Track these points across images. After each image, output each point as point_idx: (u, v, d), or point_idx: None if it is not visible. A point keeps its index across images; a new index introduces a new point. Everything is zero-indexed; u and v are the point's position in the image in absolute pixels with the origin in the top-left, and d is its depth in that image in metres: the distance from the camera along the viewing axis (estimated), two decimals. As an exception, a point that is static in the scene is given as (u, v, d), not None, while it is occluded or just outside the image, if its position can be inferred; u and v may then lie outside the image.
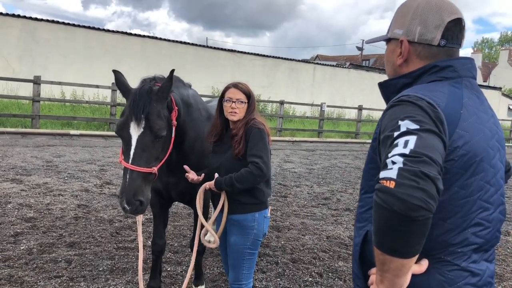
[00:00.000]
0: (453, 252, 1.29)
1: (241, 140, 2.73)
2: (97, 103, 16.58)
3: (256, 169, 2.62)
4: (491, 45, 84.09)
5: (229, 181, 2.66)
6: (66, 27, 19.26)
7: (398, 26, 1.49)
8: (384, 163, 1.14)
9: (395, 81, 1.47)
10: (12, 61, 17.79)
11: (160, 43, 21.71)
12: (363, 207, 1.47)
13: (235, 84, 2.85)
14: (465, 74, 1.40)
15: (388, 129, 1.23)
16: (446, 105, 1.27)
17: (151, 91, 2.70)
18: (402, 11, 1.50)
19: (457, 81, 1.38)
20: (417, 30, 1.43)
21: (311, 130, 20.53)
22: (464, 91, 1.36)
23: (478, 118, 1.33)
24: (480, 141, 1.30)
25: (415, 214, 1.04)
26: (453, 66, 1.39)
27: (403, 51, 1.46)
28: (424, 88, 1.34)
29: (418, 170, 1.07)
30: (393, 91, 1.46)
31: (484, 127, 1.33)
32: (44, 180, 7.39)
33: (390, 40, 1.53)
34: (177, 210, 6.26)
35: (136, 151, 2.61)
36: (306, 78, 26.53)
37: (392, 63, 1.52)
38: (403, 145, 1.13)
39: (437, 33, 1.40)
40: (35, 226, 5.15)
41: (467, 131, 1.28)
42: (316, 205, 7.33)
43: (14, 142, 11.31)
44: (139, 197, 2.56)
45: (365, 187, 1.47)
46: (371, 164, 1.43)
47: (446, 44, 1.41)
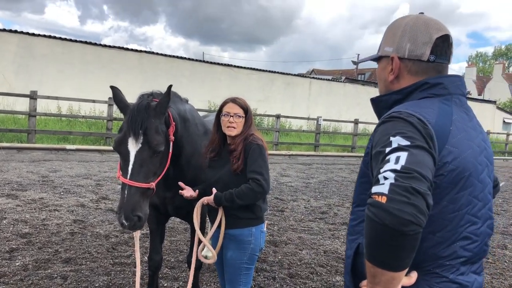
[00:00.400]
0: (442, 265, 1.33)
1: (240, 155, 2.74)
2: (93, 117, 16.58)
3: (257, 186, 2.65)
4: (485, 59, 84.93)
5: (229, 197, 2.67)
6: (62, 42, 19.34)
7: (388, 44, 1.53)
8: (376, 179, 1.18)
9: (386, 97, 1.51)
10: (9, 76, 17.82)
11: (157, 58, 21.81)
12: (355, 220, 1.50)
13: (233, 99, 2.88)
14: (455, 92, 1.44)
15: (379, 144, 1.26)
16: (436, 122, 1.31)
17: (149, 107, 2.72)
18: (391, 30, 1.55)
19: (447, 98, 1.42)
20: (406, 47, 1.47)
21: (308, 144, 20.56)
22: (454, 108, 1.40)
23: (467, 134, 1.37)
24: (469, 157, 1.33)
25: (405, 229, 1.07)
26: (443, 84, 1.43)
27: (394, 68, 1.50)
28: (414, 104, 1.37)
29: (409, 186, 1.10)
30: (385, 107, 1.50)
31: (473, 143, 1.37)
32: (40, 195, 7.35)
33: (381, 58, 1.58)
34: (174, 225, 6.23)
35: (134, 166, 2.62)
36: (302, 92, 26.67)
37: (384, 79, 1.56)
38: (394, 161, 1.17)
39: (426, 49, 1.45)
40: (31, 242, 5.11)
41: (456, 147, 1.31)
42: (313, 219, 7.31)
43: (10, 157, 11.26)
44: (137, 212, 2.56)
45: (357, 201, 1.50)
46: (363, 178, 1.46)
47: (436, 59, 1.46)
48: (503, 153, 28.68)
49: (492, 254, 6.00)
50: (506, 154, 28.56)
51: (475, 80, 60.74)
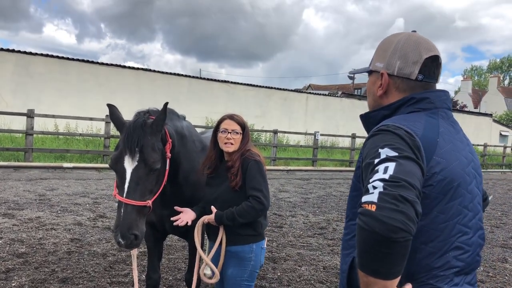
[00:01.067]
0: (436, 276, 1.34)
1: (237, 172, 2.74)
2: (90, 135, 16.58)
3: (258, 203, 2.66)
4: (480, 73, 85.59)
5: (230, 216, 2.67)
6: (60, 60, 19.42)
7: (379, 60, 1.57)
8: (366, 188, 1.21)
9: (375, 113, 1.55)
10: (6, 95, 17.84)
11: (154, 75, 21.90)
12: (348, 234, 1.51)
13: (231, 116, 2.90)
14: (441, 106, 1.48)
15: (369, 156, 1.30)
16: (423, 134, 1.34)
17: (145, 124, 2.72)
18: (383, 46, 1.59)
19: (434, 112, 1.46)
20: (396, 64, 1.51)
21: (305, 159, 20.56)
22: (440, 121, 1.44)
23: (454, 146, 1.40)
24: (457, 167, 1.36)
25: (395, 236, 1.09)
26: (429, 98, 1.47)
27: (383, 83, 1.54)
28: (402, 118, 1.41)
29: (398, 194, 1.13)
30: (373, 122, 1.54)
31: (460, 155, 1.40)
32: (36, 214, 7.30)
33: (372, 72, 1.62)
34: (172, 242, 6.18)
35: (131, 184, 2.60)
36: (299, 108, 26.76)
37: (373, 94, 1.60)
38: (383, 171, 1.20)
39: (415, 68, 1.49)
40: (27, 261, 5.05)
41: (444, 158, 1.34)
42: (312, 235, 7.27)
43: (7, 176, 11.21)
44: (134, 231, 2.54)
45: (349, 215, 1.53)
46: (355, 192, 1.49)
47: (423, 79, 1.50)
48: (500, 165, 28.71)
49: (493, 267, 5.96)
50: (504, 167, 28.60)
51: (471, 93, 61.12)
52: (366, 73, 1.67)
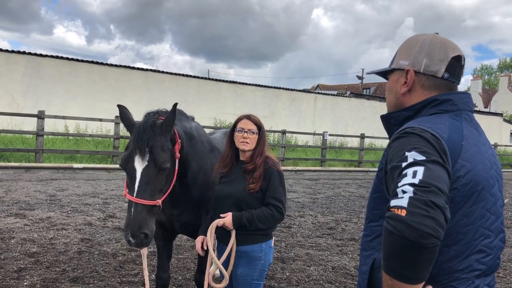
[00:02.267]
0: (458, 278, 1.34)
1: (259, 178, 2.82)
2: (100, 136, 16.70)
3: (278, 213, 2.79)
4: (490, 72, 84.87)
5: (250, 218, 2.73)
6: (69, 62, 19.59)
7: (403, 58, 1.56)
8: (394, 192, 1.19)
9: (397, 114, 1.54)
10: (17, 97, 18.03)
11: (163, 76, 22.00)
12: (368, 235, 1.51)
13: (248, 116, 2.96)
14: (464, 108, 1.47)
15: (395, 159, 1.29)
16: (449, 137, 1.34)
17: (155, 125, 2.75)
18: (408, 45, 1.58)
19: (457, 114, 1.45)
20: (423, 62, 1.50)
21: (314, 159, 20.53)
22: (464, 124, 1.43)
23: (478, 149, 1.39)
24: (481, 171, 1.35)
25: (425, 242, 1.09)
26: (453, 100, 1.46)
27: (409, 80, 1.53)
28: (426, 120, 1.40)
29: (428, 200, 1.12)
30: (395, 123, 1.53)
31: (484, 158, 1.39)
32: (47, 215, 7.38)
33: (394, 71, 1.60)
34: (181, 242, 6.21)
35: (141, 184, 2.64)
36: (308, 108, 26.73)
37: (395, 92, 1.58)
38: (412, 175, 1.19)
39: (442, 66, 1.49)
40: (38, 261, 5.11)
41: (469, 161, 1.33)
42: (320, 235, 7.27)
43: (18, 177, 11.34)
44: (144, 230, 2.57)
45: (370, 216, 1.52)
46: (376, 193, 1.48)
47: (449, 77, 1.49)
48: (511, 165, 28.45)
49: (503, 268, 5.92)
50: (515, 167, 28.32)
51: (481, 92, 60.66)
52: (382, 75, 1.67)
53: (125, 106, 2.98)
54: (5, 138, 15.89)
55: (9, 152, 14.08)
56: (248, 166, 2.86)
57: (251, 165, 2.85)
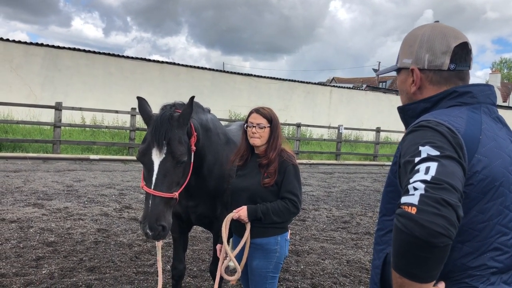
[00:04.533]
0: (471, 275, 1.30)
1: (275, 172, 2.79)
2: (116, 127, 16.84)
3: (294, 207, 2.76)
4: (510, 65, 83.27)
5: (265, 211, 2.72)
6: (86, 54, 19.74)
7: (406, 56, 1.53)
8: (406, 189, 1.16)
9: (414, 105, 1.50)
10: (35, 88, 18.26)
11: (178, 69, 22.06)
12: (382, 229, 1.49)
13: (257, 109, 2.92)
14: (484, 101, 1.42)
15: (408, 154, 1.25)
16: (465, 131, 1.30)
17: (172, 118, 2.76)
18: (408, 41, 1.54)
19: (476, 107, 1.40)
20: (425, 58, 1.47)
21: (329, 153, 20.45)
22: (483, 117, 1.38)
23: (497, 143, 1.34)
24: (499, 166, 1.31)
25: (435, 241, 1.06)
26: (472, 92, 1.41)
27: (416, 79, 1.49)
28: (443, 113, 1.36)
29: (440, 197, 1.09)
30: (412, 115, 1.50)
31: (503, 153, 1.34)
32: (64, 205, 7.48)
33: (401, 70, 1.57)
34: (196, 234, 6.25)
35: (158, 176, 2.66)
36: (323, 101, 26.57)
37: (406, 92, 1.55)
38: (424, 171, 1.15)
39: (446, 58, 1.44)
40: (56, 250, 5.20)
41: (486, 156, 1.29)
42: (335, 228, 7.25)
43: (36, 167, 11.51)
44: (162, 222, 2.59)
45: (383, 210, 1.49)
46: (390, 187, 1.45)
47: (456, 67, 1.45)
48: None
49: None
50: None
51: (500, 86, 59.59)
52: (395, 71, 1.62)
53: (144, 98, 3.00)
54: (24, 129, 16.13)
55: (27, 143, 14.30)
56: (262, 161, 2.85)
57: (265, 160, 2.83)
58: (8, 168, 10.91)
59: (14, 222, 6.22)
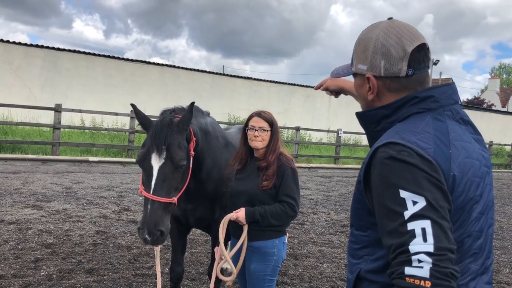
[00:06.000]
0: None
1: (273, 175, 2.82)
2: (116, 130, 16.85)
3: (291, 210, 2.79)
4: (509, 70, 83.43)
5: (263, 213, 2.74)
6: (86, 56, 19.78)
7: (361, 61, 1.43)
8: (406, 258, 1.13)
9: (374, 112, 1.42)
10: (35, 90, 18.28)
11: (178, 71, 22.09)
12: (356, 243, 1.44)
13: (258, 113, 2.95)
14: (447, 103, 1.35)
15: (388, 197, 1.20)
16: (435, 150, 1.23)
17: (172, 123, 2.79)
18: (362, 44, 1.44)
19: (439, 113, 1.33)
20: (381, 65, 1.36)
21: (328, 156, 20.46)
22: (448, 124, 1.32)
23: (466, 152, 1.30)
24: (472, 176, 1.28)
25: None
26: (434, 96, 1.34)
27: (372, 88, 1.40)
28: (407, 129, 1.29)
29: (449, 271, 1.10)
30: (372, 121, 1.43)
31: (472, 159, 1.31)
32: (63, 207, 7.49)
33: (357, 74, 1.48)
34: (194, 236, 6.26)
35: (157, 181, 2.67)
36: (322, 105, 26.62)
37: (364, 98, 1.46)
38: (422, 238, 1.12)
39: (403, 64, 1.34)
40: (55, 252, 5.20)
41: (459, 171, 1.25)
42: (334, 232, 7.26)
43: (35, 169, 11.51)
44: (160, 227, 2.61)
45: (355, 225, 1.45)
46: (358, 204, 1.40)
47: (414, 72, 1.35)
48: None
49: None
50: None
51: (499, 92, 59.68)
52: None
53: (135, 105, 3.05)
54: (23, 130, 16.14)
55: (27, 145, 14.31)
56: (261, 164, 2.87)
57: (264, 163, 2.86)
58: (7, 170, 10.91)
59: (12, 223, 6.22)
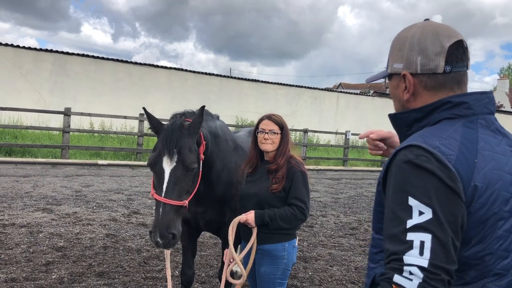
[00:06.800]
0: None
1: (282, 178, 2.82)
2: (124, 133, 16.93)
3: (301, 213, 2.78)
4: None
5: (272, 216, 2.74)
6: (95, 60, 19.92)
7: (396, 60, 1.40)
8: (399, 267, 1.13)
9: (405, 114, 1.39)
10: (44, 94, 18.43)
11: (186, 75, 22.17)
12: (375, 247, 1.42)
13: (269, 116, 2.96)
14: (481, 111, 1.30)
15: (396, 201, 1.19)
16: (457, 157, 1.19)
17: (183, 126, 2.80)
18: (397, 44, 1.42)
19: (471, 120, 1.28)
20: (418, 61, 1.33)
21: (336, 159, 20.41)
22: (480, 132, 1.27)
23: (495, 163, 1.24)
24: (499, 189, 1.22)
25: None
26: (468, 103, 1.29)
27: (408, 86, 1.36)
28: (435, 133, 1.26)
29: None
30: (404, 124, 1.41)
31: (503, 172, 1.24)
32: (73, 210, 7.53)
33: (392, 75, 1.44)
34: (204, 239, 6.27)
35: (169, 184, 2.69)
36: (330, 107, 26.56)
37: (399, 99, 1.43)
38: (419, 250, 1.11)
39: (440, 60, 1.31)
40: (66, 255, 5.23)
41: (483, 182, 1.19)
42: (343, 235, 7.23)
43: (45, 172, 11.60)
44: (172, 230, 2.62)
45: (376, 229, 1.43)
46: (379, 207, 1.38)
47: (452, 69, 1.31)
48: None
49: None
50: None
51: (508, 92, 59.19)
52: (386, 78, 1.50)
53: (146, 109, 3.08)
54: (33, 134, 16.28)
55: (37, 148, 14.41)
56: (271, 166, 2.88)
57: (274, 165, 2.87)
58: (18, 173, 11.00)
59: (24, 227, 6.27)
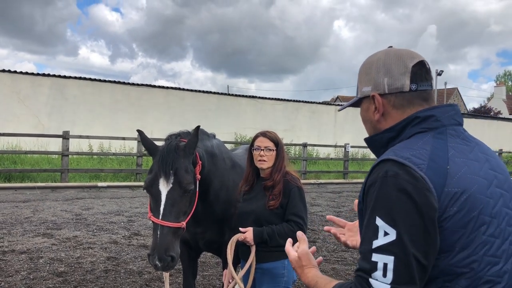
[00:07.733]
0: None
1: (279, 194, 2.81)
2: (123, 154, 16.94)
3: (299, 229, 2.75)
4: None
5: (271, 233, 2.73)
6: (92, 82, 20.03)
7: (365, 84, 1.49)
8: (365, 281, 1.19)
9: (379, 136, 1.45)
10: (42, 118, 18.49)
11: (183, 93, 22.27)
12: None
13: (263, 133, 2.96)
14: (449, 123, 1.36)
15: (368, 220, 1.24)
16: (428, 165, 1.22)
17: (178, 147, 2.80)
18: (364, 69, 1.51)
19: (441, 131, 1.33)
20: (385, 82, 1.41)
21: (336, 172, 20.38)
22: (450, 142, 1.31)
23: (469, 169, 1.26)
24: (475, 194, 1.23)
25: None
26: (435, 116, 1.35)
27: (378, 106, 1.44)
28: (406, 146, 1.31)
29: None
30: (380, 145, 1.45)
31: (478, 177, 1.26)
32: (74, 234, 7.49)
33: (362, 100, 1.53)
34: (205, 259, 6.22)
35: (166, 206, 2.67)
36: (328, 120, 26.64)
37: (370, 121, 1.50)
38: (382, 272, 1.16)
39: (405, 79, 1.39)
40: (66, 280, 5.18)
41: (457, 187, 1.21)
42: (346, 249, 7.17)
43: (45, 197, 11.56)
44: (171, 252, 2.59)
45: None
46: None
47: (418, 87, 1.39)
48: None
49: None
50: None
51: (505, 99, 59.43)
52: (356, 105, 1.60)
53: (142, 131, 3.06)
54: (32, 158, 16.26)
55: (36, 173, 14.39)
56: (267, 183, 2.87)
57: (270, 182, 2.86)
58: (17, 199, 10.96)
59: (23, 253, 6.22)
